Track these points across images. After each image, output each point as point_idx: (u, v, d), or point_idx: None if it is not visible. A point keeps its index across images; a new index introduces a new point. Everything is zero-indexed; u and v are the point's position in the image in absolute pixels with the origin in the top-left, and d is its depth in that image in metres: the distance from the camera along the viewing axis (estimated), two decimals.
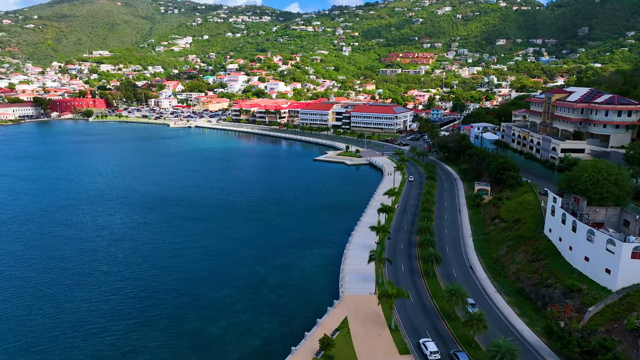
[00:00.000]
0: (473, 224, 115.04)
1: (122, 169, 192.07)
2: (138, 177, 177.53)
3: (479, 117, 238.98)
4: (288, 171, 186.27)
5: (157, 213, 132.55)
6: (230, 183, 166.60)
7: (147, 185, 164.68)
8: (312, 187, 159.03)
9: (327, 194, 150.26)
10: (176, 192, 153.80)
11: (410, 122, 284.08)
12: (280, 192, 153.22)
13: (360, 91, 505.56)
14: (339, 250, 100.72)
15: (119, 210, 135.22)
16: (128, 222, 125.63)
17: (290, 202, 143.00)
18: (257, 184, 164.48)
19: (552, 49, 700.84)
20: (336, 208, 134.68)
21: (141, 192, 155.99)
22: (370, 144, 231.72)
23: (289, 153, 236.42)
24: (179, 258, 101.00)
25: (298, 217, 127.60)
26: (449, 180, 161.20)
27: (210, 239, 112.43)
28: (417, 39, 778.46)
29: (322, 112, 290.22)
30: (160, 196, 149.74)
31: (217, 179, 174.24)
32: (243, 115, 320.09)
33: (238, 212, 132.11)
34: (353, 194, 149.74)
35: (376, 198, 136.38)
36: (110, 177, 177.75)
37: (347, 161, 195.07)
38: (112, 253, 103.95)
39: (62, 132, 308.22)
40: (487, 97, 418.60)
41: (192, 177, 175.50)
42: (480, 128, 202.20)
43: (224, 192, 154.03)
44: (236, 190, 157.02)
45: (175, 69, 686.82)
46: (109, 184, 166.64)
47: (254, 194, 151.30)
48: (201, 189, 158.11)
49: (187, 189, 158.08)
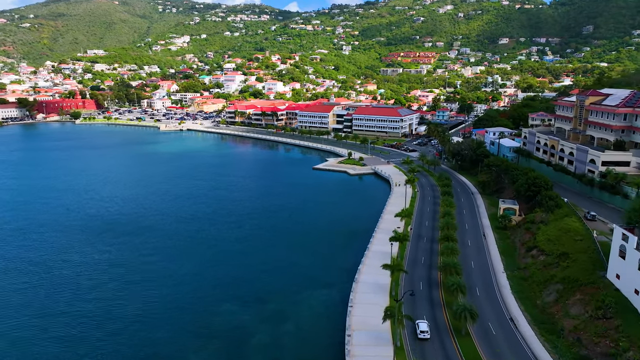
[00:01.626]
0: (504, 254, 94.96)
1: (93, 184, 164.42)
2: (111, 193, 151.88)
3: (491, 121, 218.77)
4: (284, 182, 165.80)
5: (115, 246, 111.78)
6: (216, 200, 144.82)
7: (117, 204, 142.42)
8: (310, 204, 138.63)
9: (328, 212, 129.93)
10: (149, 216, 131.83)
11: (416, 125, 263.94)
12: (273, 211, 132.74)
13: (361, 91, 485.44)
14: (344, 292, 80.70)
15: (70, 243, 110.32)
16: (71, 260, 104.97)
17: (284, 223, 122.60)
18: (247, 201, 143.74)
19: (556, 48, 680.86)
20: (339, 232, 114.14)
21: (110, 214, 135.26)
22: (375, 149, 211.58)
23: (286, 160, 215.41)
24: (133, 304, 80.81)
25: (293, 244, 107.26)
26: (465, 194, 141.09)
27: (180, 276, 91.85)
28: (418, 38, 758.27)
29: (321, 115, 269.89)
30: (126, 220, 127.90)
31: (201, 196, 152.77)
32: (238, 117, 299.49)
33: (221, 240, 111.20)
34: (358, 212, 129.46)
35: (385, 218, 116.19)
36: (76, 194, 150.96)
37: (349, 170, 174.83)
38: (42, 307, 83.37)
39: (41, 136, 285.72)
40: (494, 97, 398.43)
41: (170, 195, 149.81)
42: (496, 133, 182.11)
43: (207, 215, 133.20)
44: (222, 209, 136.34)
45: (172, 69, 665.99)
46: (70, 204, 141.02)
47: (242, 214, 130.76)
48: (180, 209, 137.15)
49: (163, 211, 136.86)
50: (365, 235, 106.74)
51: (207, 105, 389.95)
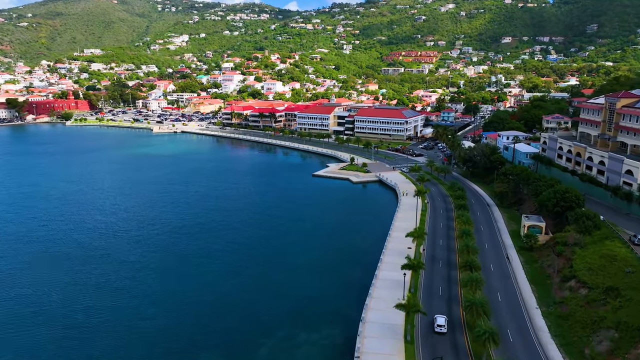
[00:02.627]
0: (534, 283, 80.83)
1: (66, 197, 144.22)
2: (82, 211, 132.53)
3: (502, 123, 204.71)
4: (281, 191, 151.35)
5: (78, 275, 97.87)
6: (205, 211, 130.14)
7: (96, 217, 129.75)
8: (309, 217, 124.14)
9: (329, 228, 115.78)
10: (130, 229, 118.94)
11: (421, 128, 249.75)
12: (267, 227, 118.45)
13: (363, 91, 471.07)
14: (348, 333, 66.85)
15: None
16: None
17: (279, 241, 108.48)
18: (239, 212, 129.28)
19: (559, 47, 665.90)
20: (341, 252, 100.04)
21: (76, 238, 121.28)
22: (378, 153, 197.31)
23: (283, 165, 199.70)
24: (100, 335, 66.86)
25: (288, 268, 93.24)
26: (480, 205, 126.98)
27: (156, 305, 78.03)
28: (419, 37, 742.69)
29: (322, 116, 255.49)
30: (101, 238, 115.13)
31: (189, 206, 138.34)
32: (235, 119, 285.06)
33: (207, 265, 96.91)
34: (362, 227, 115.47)
35: (393, 236, 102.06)
36: (51, 204, 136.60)
37: (352, 177, 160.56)
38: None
39: (27, 139, 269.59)
40: (499, 97, 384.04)
41: (154, 206, 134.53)
42: (510, 137, 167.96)
43: (194, 229, 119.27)
44: (211, 221, 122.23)
45: (170, 68, 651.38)
46: (41, 215, 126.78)
47: (233, 228, 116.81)
48: (165, 223, 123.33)
49: (145, 223, 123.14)
50: (371, 257, 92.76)
51: (203, 105, 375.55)
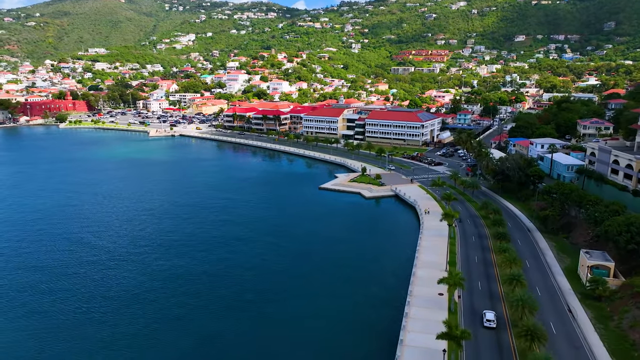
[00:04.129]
0: (615, 356, 59.09)
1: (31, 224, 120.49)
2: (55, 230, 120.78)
3: (530, 128, 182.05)
4: (282, 210, 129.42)
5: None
6: (190, 237, 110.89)
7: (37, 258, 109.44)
8: (313, 247, 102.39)
9: (336, 261, 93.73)
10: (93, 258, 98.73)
11: (438, 132, 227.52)
12: (260, 261, 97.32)
13: (372, 91, 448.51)
14: None
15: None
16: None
17: (274, 279, 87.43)
18: (230, 239, 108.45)
19: (575, 45, 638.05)
20: (350, 299, 78.12)
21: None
22: (393, 161, 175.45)
23: (287, 176, 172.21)
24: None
25: (282, 324, 72.23)
26: (519, 230, 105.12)
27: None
28: (430, 36, 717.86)
29: (330, 119, 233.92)
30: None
31: (173, 228, 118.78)
32: (237, 121, 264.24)
33: (192, 297, 76.77)
34: (378, 259, 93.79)
35: (419, 276, 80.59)
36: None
37: (364, 192, 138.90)
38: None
39: (12, 143, 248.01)
40: (517, 98, 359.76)
41: (129, 225, 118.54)
42: (545, 146, 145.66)
43: (178, 257, 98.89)
44: (198, 247, 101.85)
45: (175, 68, 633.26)
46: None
47: (221, 257, 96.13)
48: (142, 245, 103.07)
49: (119, 245, 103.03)
50: (392, 308, 71.59)
51: (206, 106, 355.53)
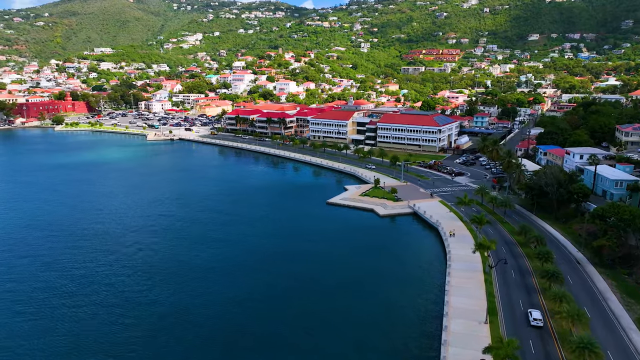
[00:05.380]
0: None
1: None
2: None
3: (562, 133, 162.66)
4: (283, 229, 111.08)
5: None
6: (176, 264, 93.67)
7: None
8: (319, 286, 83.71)
9: (345, 305, 75.46)
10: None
11: (456, 137, 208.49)
12: (251, 298, 79.81)
13: (382, 92, 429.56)
14: None
15: None
16: None
17: (269, 324, 69.76)
18: (223, 275, 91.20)
19: (591, 44, 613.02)
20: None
21: None
22: (408, 171, 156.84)
23: (291, 188, 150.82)
24: None
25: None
26: (566, 262, 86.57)
27: None
28: (441, 35, 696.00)
29: (339, 122, 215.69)
30: None
31: (155, 252, 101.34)
32: (240, 124, 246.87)
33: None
34: (397, 309, 74.55)
35: (452, 331, 62.50)
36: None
37: (378, 208, 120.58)
38: None
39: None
40: (536, 99, 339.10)
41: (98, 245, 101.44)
42: (584, 156, 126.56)
43: (160, 289, 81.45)
44: (182, 280, 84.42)
45: (182, 67, 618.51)
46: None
47: (209, 292, 78.60)
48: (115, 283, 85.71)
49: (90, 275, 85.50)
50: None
51: (210, 108, 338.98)
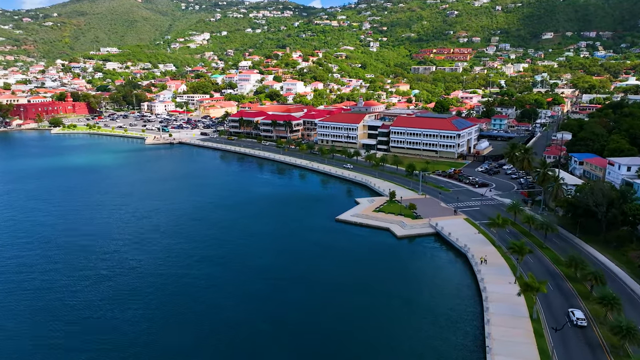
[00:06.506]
0: None
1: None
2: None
3: (598, 139, 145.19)
4: (284, 253, 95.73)
5: None
6: (162, 293, 78.55)
7: None
8: (322, 321, 68.96)
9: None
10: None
11: (475, 141, 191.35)
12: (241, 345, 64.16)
13: (392, 92, 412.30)
14: None
15: None
16: None
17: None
18: (213, 319, 75.85)
19: (608, 42, 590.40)
20: None
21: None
22: (426, 181, 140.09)
23: (297, 200, 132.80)
24: None
25: None
26: (629, 302, 69.84)
27: None
28: (452, 33, 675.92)
29: (348, 126, 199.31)
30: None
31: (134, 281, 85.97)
32: (243, 127, 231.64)
33: None
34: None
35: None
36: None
37: (395, 227, 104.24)
38: None
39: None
40: (555, 100, 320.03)
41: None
42: (633, 168, 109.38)
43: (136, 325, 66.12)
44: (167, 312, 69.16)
45: (188, 67, 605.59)
46: None
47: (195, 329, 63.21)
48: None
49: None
50: None
51: (214, 109, 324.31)
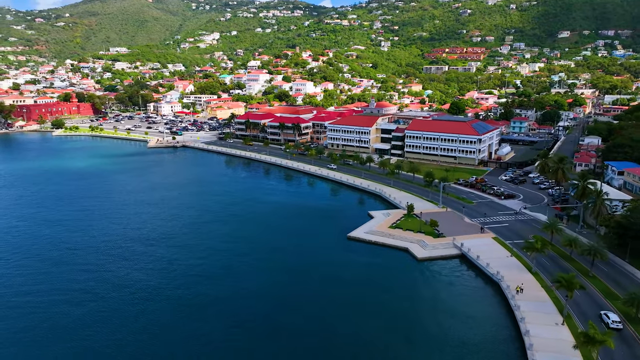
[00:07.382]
0: None
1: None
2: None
3: (637, 148, 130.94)
4: (289, 277, 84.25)
5: None
6: (148, 320, 67.16)
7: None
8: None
9: None
10: None
11: (497, 146, 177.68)
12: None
13: (405, 92, 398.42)
14: None
15: None
16: None
17: None
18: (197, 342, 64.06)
19: (627, 41, 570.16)
20: None
21: None
22: (447, 192, 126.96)
23: (304, 212, 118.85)
24: None
25: None
26: None
27: None
28: (464, 33, 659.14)
29: (360, 129, 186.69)
30: None
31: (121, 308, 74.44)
32: (250, 130, 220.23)
33: None
34: None
35: None
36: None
37: (414, 247, 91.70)
38: None
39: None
40: (575, 101, 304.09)
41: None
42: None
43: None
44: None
45: (198, 67, 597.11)
46: None
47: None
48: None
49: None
50: None
51: (222, 110, 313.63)
